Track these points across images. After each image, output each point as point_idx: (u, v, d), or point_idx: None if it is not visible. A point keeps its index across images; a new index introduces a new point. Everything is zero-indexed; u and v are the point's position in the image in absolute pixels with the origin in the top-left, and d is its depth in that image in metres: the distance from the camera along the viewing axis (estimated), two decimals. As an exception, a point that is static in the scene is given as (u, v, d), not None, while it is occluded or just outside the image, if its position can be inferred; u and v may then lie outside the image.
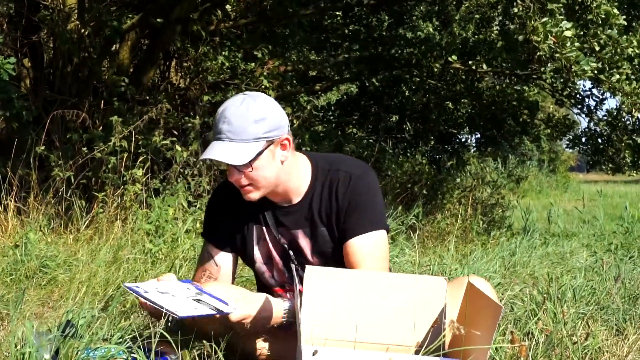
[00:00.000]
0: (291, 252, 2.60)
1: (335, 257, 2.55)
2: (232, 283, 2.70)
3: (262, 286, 2.75)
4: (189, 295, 2.34)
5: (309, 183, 2.57)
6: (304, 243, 2.59)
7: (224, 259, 2.64)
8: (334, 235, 2.57)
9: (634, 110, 6.24)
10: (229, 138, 2.39)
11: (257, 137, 2.40)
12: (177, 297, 2.32)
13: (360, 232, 2.51)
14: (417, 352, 2.25)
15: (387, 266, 2.59)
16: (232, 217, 2.61)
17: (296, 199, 2.57)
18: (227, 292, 2.36)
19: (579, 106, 8.45)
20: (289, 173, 2.52)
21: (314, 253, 2.59)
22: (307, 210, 2.57)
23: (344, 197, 2.52)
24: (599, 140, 8.33)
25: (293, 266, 2.57)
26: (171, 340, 2.48)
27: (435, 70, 8.94)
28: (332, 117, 10.45)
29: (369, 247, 2.51)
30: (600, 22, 5.69)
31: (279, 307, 2.43)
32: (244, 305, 2.34)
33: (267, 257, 2.65)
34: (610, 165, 8.23)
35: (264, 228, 2.61)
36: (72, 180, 5.27)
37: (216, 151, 2.39)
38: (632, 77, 5.94)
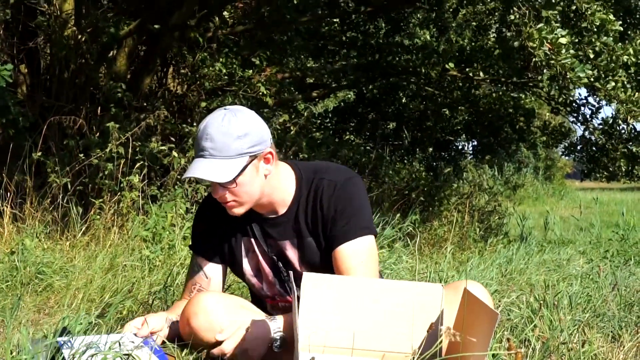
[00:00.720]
0: (280, 264, 2.60)
1: (324, 267, 2.54)
2: (222, 291, 2.72)
3: (255, 297, 2.76)
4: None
5: (293, 194, 2.56)
6: (292, 254, 2.59)
7: (213, 271, 2.65)
8: (320, 245, 2.56)
9: (629, 117, 6.26)
10: (212, 155, 2.38)
11: (240, 153, 2.39)
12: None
13: (348, 239, 2.50)
14: (413, 359, 2.25)
15: (377, 270, 2.58)
16: (220, 230, 2.62)
17: (282, 210, 2.57)
18: (219, 323, 2.40)
19: (575, 114, 8.46)
20: (273, 186, 2.52)
21: (302, 263, 2.58)
22: (293, 220, 2.56)
23: (328, 205, 2.51)
24: (594, 148, 8.34)
25: (288, 276, 2.57)
26: (168, 344, 2.49)
27: (433, 77, 8.96)
28: (329, 124, 10.47)
29: (358, 253, 2.49)
30: (595, 30, 5.70)
31: (270, 328, 2.43)
32: (232, 338, 2.39)
33: (256, 269, 2.65)
34: (605, 173, 8.25)
35: (252, 240, 2.61)
36: (69, 186, 5.27)
37: (200, 169, 2.39)
38: (628, 84, 5.95)
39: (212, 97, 7.52)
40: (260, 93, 7.32)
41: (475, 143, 11.17)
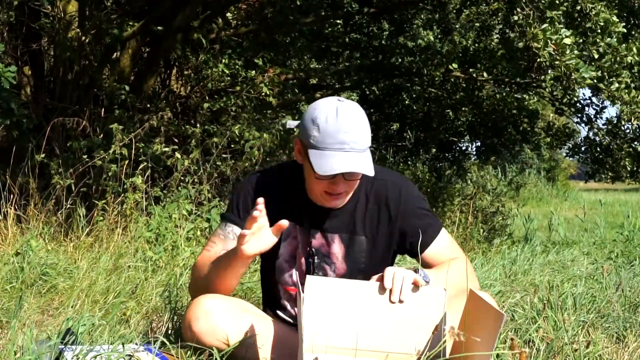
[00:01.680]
0: (316, 258, 2.60)
1: (366, 265, 2.58)
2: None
3: (268, 283, 2.73)
4: None
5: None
6: (338, 249, 2.60)
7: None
8: (371, 245, 2.59)
9: (633, 118, 6.25)
10: (353, 149, 2.38)
11: (369, 145, 2.44)
12: None
13: (432, 240, 2.59)
14: None
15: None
16: (272, 208, 2.50)
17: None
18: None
19: (579, 115, 8.45)
20: None
21: (345, 259, 2.60)
22: (348, 216, 2.58)
23: (396, 207, 2.57)
24: (599, 149, 8.32)
25: (317, 271, 2.60)
26: (170, 347, 2.49)
27: (436, 78, 8.95)
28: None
29: (445, 248, 2.61)
30: (599, 30, 5.69)
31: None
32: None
33: (290, 255, 2.63)
34: (609, 174, 8.23)
35: (297, 226, 2.60)
36: (73, 188, 5.27)
37: (356, 164, 2.37)
38: (632, 85, 5.94)
39: (216, 98, 7.52)
40: (264, 94, 7.32)
41: (479, 144, 11.16)
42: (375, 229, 2.58)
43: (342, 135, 2.36)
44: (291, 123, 2.63)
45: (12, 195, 5.05)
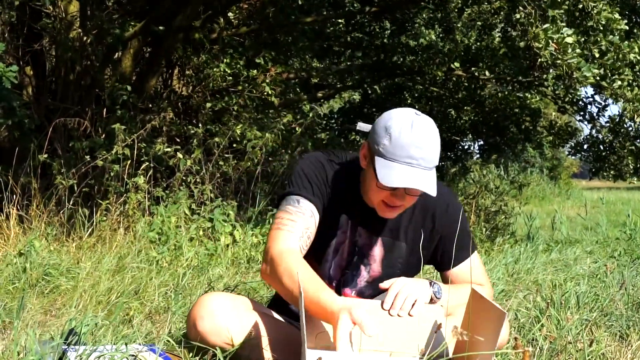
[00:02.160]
0: (356, 257, 2.60)
1: (401, 272, 2.59)
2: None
3: None
4: None
5: None
6: (378, 251, 2.60)
7: (317, 221, 2.52)
8: (410, 253, 2.61)
9: (635, 116, 6.24)
10: (420, 166, 2.34)
11: (437, 164, 2.40)
12: None
13: (465, 258, 2.62)
14: (421, 359, 2.25)
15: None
16: (331, 195, 2.54)
17: None
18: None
19: (581, 113, 8.44)
20: None
21: (382, 262, 2.60)
22: (394, 221, 2.57)
23: (441, 223, 2.59)
24: (601, 147, 8.32)
25: (351, 270, 2.60)
26: (174, 347, 2.49)
27: (438, 77, 8.95)
28: (334, 125, 10.46)
29: (476, 268, 2.62)
30: (601, 29, 5.69)
31: None
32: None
33: (336, 248, 2.62)
34: (612, 172, 8.22)
35: (349, 221, 2.58)
36: (75, 188, 5.27)
37: (421, 181, 2.33)
38: (634, 83, 5.93)
39: (217, 98, 7.52)
40: (266, 93, 7.32)
41: (481, 143, 11.16)
42: (417, 237, 2.60)
43: (412, 150, 2.32)
44: (363, 126, 2.57)
45: (14, 196, 5.05)
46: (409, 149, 2.32)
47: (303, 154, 3.38)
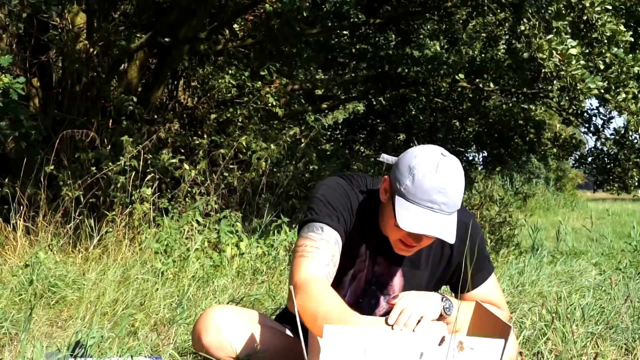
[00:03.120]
0: (374, 287, 2.58)
1: None
2: None
3: None
4: None
5: None
6: (398, 281, 2.58)
7: (339, 251, 2.45)
8: (430, 280, 2.60)
9: (640, 129, 6.24)
10: (442, 211, 2.28)
11: (458, 207, 2.34)
12: None
13: (483, 281, 2.63)
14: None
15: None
16: (354, 222, 2.49)
17: None
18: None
19: (586, 125, 8.45)
20: None
21: (402, 292, 2.55)
22: (415, 252, 2.52)
23: (459, 247, 2.53)
24: (606, 159, 8.32)
25: (365, 300, 2.59)
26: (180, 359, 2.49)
27: (442, 89, 8.96)
28: (339, 136, 10.47)
29: (494, 288, 2.65)
30: (605, 41, 5.69)
31: None
32: None
33: (354, 276, 2.59)
34: (617, 184, 8.22)
35: (368, 251, 2.54)
36: (81, 199, 5.29)
37: (440, 227, 2.27)
38: (639, 95, 5.93)
39: (222, 109, 7.54)
40: (270, 105, 7.34)
41: (486, 154, 11.16)
42: (436, 265, 2.59)
43: (435, 195, 2.26)
44: (387, 158, 2.48)
45: (21, 207, 5.07)
46: (431, 194, 2.26)
47: (321, 179, 3.30)
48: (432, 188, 2.26)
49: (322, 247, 2.37)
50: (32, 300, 3.77)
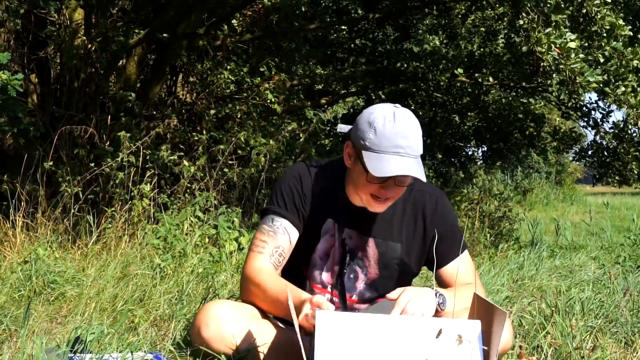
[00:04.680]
0: (348, 258, 2.62)
1: (399, 273, 2.63)
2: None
3: (296, 276, 2.66)
4: None
5: None
6: (372, 252, 2.62)
7: (294, 238, 2.60)
8: (404, 252, 2.64)
9: (639, 122, 6.23)
10: (408, 154, 2.39)
11: (421, 153, 2.45)
12: None
13: (456, 256, 2.66)
14: None
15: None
16: (312, 203, 2.59)
17: None
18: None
19: (585, 119, 8.44)
20: None
21: (378, 264, 2.63)
22: (385, 222, 2.61)
23: (432, 219, 2.63)
24: (605, 153, 8.31)
25: (346, 274, 2.63)
26: (177, 355, 2.49)
27: (442, 83, 8.96)
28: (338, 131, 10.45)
29: (465, 265, 2.67)
30: (605, 34, 5.68)
31: None
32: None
33: (325, 253, 2.64)
34: (616, 178, 8.22)
35: (335, 224, 2.60)
36: (80, 195, 5.29)
37: (410, 168, 2.38)
38: (638, 89, 5.93)
39: (221, 105, 7.54)
40: (269, 101, 7.33)
41: (485, 149, 11.16)
42: (410, 237, 2.63)
43: (399, 140, 2.38)
44: (343, 127, 2.62)
45: (20, 203, 5.06)
46: (395, 139, 2.38)
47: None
48: (394, 134, 2.38)
49: (269, 240, 2.56)
50: (31, 297, 3.77)
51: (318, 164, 2.71)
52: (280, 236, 2.56)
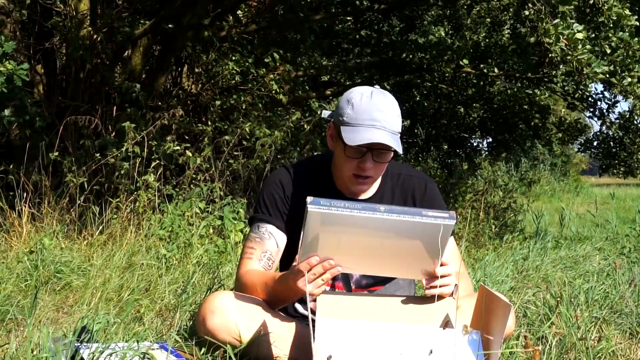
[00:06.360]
0: None
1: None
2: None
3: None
4: None
5: (379, 182, 2.67)
6: None
7: (282, 241, 2.66)
8: None
9: (645, 113, 6.22)
10: (384, 127, 2.45)
11: (399, 131, 2.50)
12: None
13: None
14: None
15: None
16: (299, 204, 2.57)
17: (364, 194, 2.66)
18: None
19: (591, 109, 8.42)
20: None
21: None
22: None
23: (421, 204, 2.66)
24: (611, 143, 8.30)
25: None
26: (183, 345, 2.50)
27: (447, 74, 8.94)
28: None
29: (451, 250, 2.60)
30: (611, 25, 5.66)
31: None
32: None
33: None
34: (622, 168, 8.21)
35: None
36: (86, 186, 5.30)
37: (383, 137, 2.43)
38: (644, 79, 5.91)
39: (226, 95, 7.53)
40: (274, 91, 7.33)
41: (490, 140, 11.14)
42: None
43: (375, 113, 2.45)
44: (325, 112, 2.70)
45: (26, 193, 5.08)
46: (371, 112, 2.45)
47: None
48: (371, 108, 2.46)
49: (256, 247, 2.64)
50: (37, 286, 3.78)
51: (299, 163, 2.80)
52: (267, 241, 2.63)
